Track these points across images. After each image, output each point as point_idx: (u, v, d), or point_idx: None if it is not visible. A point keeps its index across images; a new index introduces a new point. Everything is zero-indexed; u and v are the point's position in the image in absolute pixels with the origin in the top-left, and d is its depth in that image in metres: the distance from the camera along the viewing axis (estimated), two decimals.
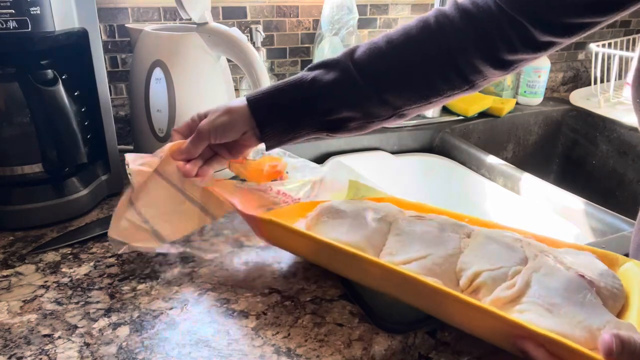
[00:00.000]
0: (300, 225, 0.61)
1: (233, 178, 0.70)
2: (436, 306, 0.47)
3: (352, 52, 0.58)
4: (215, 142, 0.58)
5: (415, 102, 0.59)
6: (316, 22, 1.08)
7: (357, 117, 0.58)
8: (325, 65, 0.58)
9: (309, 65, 0.60)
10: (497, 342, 0.45)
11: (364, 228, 0.55)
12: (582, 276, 0.47)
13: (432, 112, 1.17)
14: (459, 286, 0.49)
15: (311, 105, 0.57)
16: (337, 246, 0.50)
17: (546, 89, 1.31)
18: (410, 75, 0.57)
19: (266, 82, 0.78)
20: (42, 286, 0.56)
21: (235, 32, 0.77)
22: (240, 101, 0.58)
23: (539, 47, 0.55)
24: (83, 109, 0.72)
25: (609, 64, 1.30)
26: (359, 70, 0.57)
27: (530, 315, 0.43)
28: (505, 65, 0.56)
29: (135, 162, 0.58)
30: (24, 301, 0.54)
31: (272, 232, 0.57)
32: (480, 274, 0.48)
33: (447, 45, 0.55)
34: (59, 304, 0.54)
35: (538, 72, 1.28)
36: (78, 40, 0.67)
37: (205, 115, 0.59)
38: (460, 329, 0.48)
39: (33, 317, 0.52)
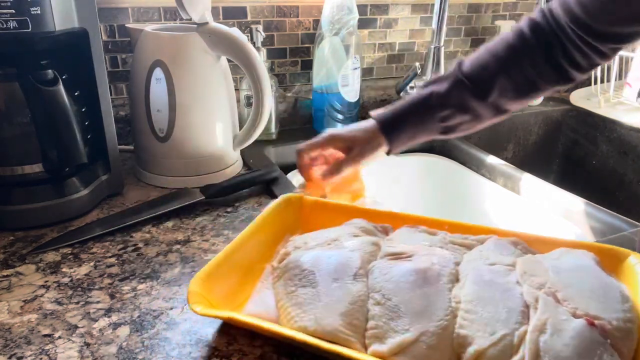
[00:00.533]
0: (266, 273, 0.56)
1: None
2: None
3: (460, 65, 0.68)
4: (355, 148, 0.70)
5: (518, 100, 0.68)
6: (316, 22, 1.08)
7: (468, 119, 0.68)
8: (440, 79, 0.69)
9: (425, 82, 0.70)
10: None
11: (339, 300, 0.47)
12: (593, 324, 0.42)
13: None
14: None
15: (431, 115, 0.68)
16: (319, 345, 0.43)
17: None
18: (513, 78, 0.65)
19: (266, 82, 0.78)
20: (43, 286, 0.56)
21: (235, 32, 0.77)
22: (370, 125, 0.70)
23: (605, 55, 0.63)
24: (83, 109, 0.72)
25: (609, 64, 1.30)
26: (470, 80, 0.66)
27: None
28: (582, 68, 0.65)
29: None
30: (24, 301, 0.54)
31: (241, 326, 0.51)
32: (483, 354, 0.42)
33: (539, 50, 0.64)
34: (59, 303, 0.54)
35: None
36: (78, 40, 0.67)
37: (337, 139, 0.71)
38: None
39: (33, 317, 0.52)
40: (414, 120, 0.69)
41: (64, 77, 0.67)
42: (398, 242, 0.55)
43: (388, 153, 0.71)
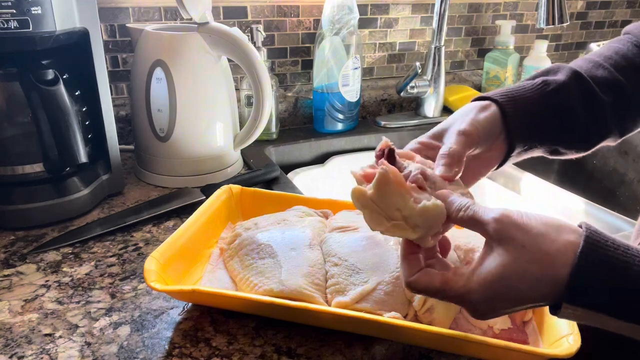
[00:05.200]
0: (215, 256, 0.58)
1: None
2: (398, 336, 0.49)
3: (559, 67, 0.55)
4: (479, 145, 0.48)
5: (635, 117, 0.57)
6: (317, 21, 1.08)
7: (587, 126, 0.53)
8: (547, 72, 0.54)
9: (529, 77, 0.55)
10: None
11: (299, 264, 0.52)
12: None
13: (432, 111, 1.17)
14: (413, 306, 0.49)
15: (551, 106, 0.52)
16: (290, 305, 0.46)
17: None
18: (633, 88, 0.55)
19: (267, 81, 0.78)
20: (43, 285, 0.57)
21: (236, 31, 0.77)
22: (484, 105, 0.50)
23: None
24: (84, 109, 0.72)
25: None
26: (590, 76, 0.54)
27: None
28: None
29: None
30: (25, 300, 0.54)
31: (204, 300, 0.52)
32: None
33: None
34: (60, 303, 0.54)
35: None
36: (79, 40, 0.67)
37: (439, 134, 0.50)
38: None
39: (34, 316, 0.52)
40: (535, 109, 0.51)
41: (64, 76, 0.67)
42: (341, 221, 0.60)
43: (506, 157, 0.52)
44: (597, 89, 0.53)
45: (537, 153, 0.54)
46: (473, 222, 0.39)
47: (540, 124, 0.51)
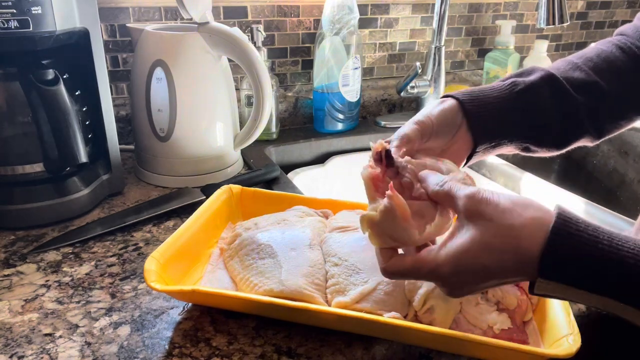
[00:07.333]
0: (215, 256, 0.59)
1: None
2: (398, 336, 0.49)
3: (535, 68, 0.57)
4: (432, 137, 0.51)
5: (616, 119, 0.58)
6: (317, 21, 1.08)
7: (558, 127, 0.55)
8: (521, 74, 0.56)
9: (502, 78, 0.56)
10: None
11: (299, 264, 0.52)
12: None
13: None
14: (413, 306, 0.49)
15: (518, 106, 0.53)
16: (290, 305, 0.46)
17: None
18: (612, 87, 0.57)
19: (267, 81, 0.78)
20: (44, 285, 0.57)
21: (236, 31, 0.77)
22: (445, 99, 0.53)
23: None
24: (84, 109, 0.72)
25: None
26: (564, 78, 0.55)
27: None
28: None
29: None
30: (25, 300, 0.54)
31: (204, 300, 0.52)
32: (430, 294, 0.48)
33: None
34: (60, 303, 0.54)
35: None
36: (79, 40, 0.67)
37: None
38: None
39: (34, 316, 0.52)
40: (500, 106, 0.53)
41: (64, 76, 0.67)
42: (341, 221, 0.60)
43: (472, 151, 0.54)
44: (571, 89, 0.55)
45: (507, 150, 0.56)
46: (447, 198, 0.42)
47: (506, 122, 0.54)
